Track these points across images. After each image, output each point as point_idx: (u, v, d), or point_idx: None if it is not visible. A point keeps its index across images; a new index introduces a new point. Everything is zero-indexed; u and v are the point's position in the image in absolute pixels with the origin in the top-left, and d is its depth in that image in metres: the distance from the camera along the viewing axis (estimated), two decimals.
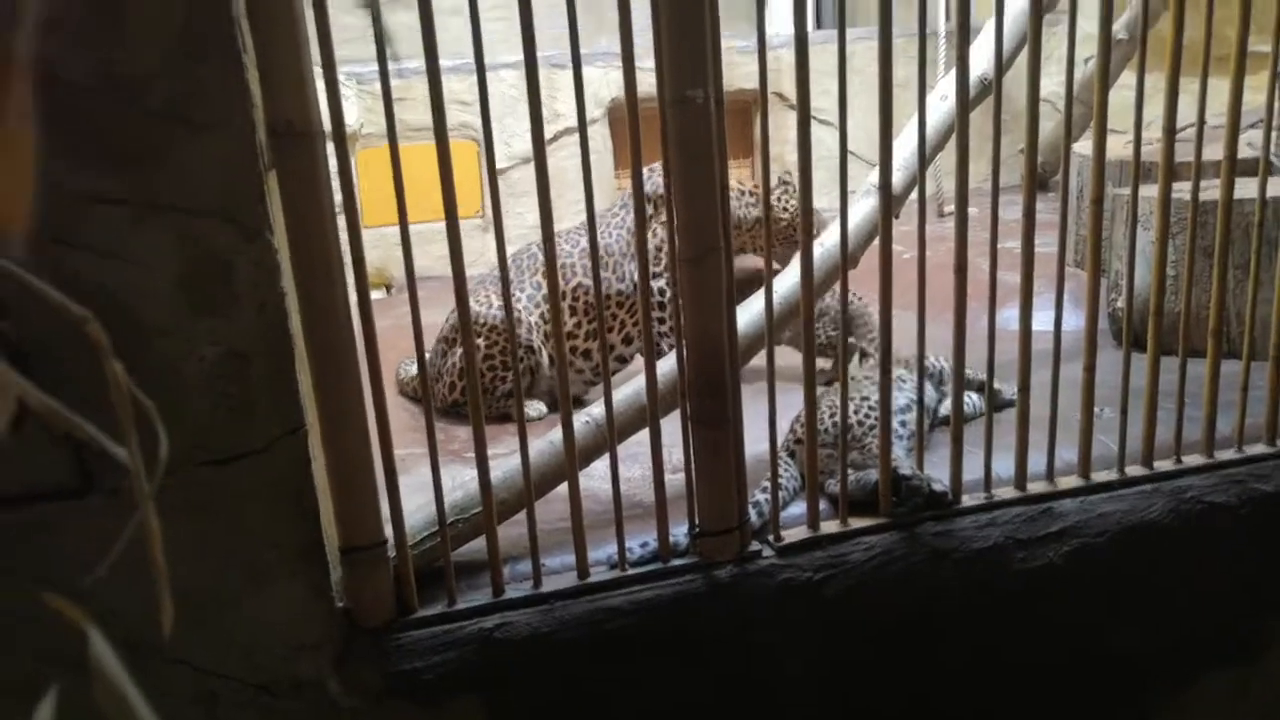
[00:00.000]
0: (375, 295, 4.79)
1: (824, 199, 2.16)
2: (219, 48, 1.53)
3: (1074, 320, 2.89)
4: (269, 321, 1.66)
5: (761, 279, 2.12)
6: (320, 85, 1.65)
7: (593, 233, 1.94)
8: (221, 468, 1.69)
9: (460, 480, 2.07)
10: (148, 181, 1.55)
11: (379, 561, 1.85)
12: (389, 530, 1.87)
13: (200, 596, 1.72)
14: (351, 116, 4.58)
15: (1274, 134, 2.39)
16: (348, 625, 1.84)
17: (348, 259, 1.73)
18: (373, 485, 1.81)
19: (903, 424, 2.44)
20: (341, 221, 1.71)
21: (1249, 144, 3.34)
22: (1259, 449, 2.40)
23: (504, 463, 2.07)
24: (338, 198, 1.70)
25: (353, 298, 1.75)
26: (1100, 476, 2.30)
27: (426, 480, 1.91)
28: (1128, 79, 2.25)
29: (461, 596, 1.94)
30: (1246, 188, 2.42)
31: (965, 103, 2.09)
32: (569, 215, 4.42)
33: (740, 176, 3.53)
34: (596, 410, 2.16)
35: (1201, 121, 2.26)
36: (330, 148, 1.68)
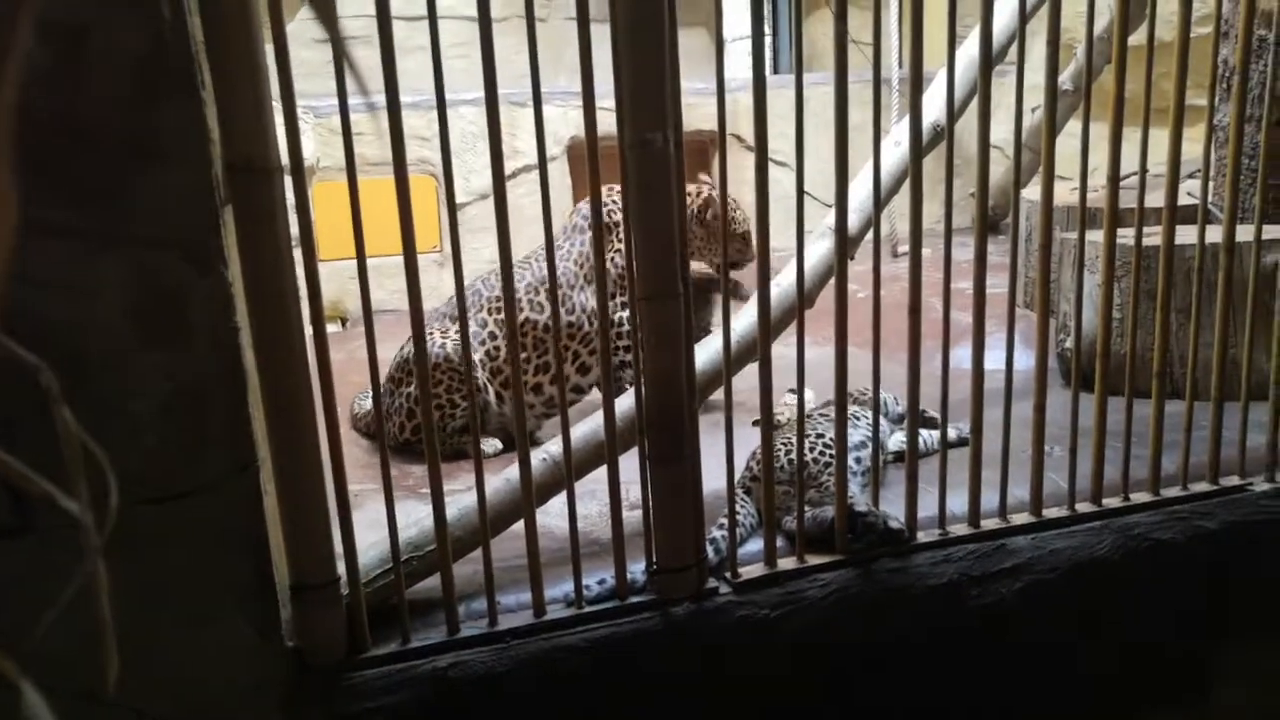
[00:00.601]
0: (330, 329, 4.74)
1: (781, 238, 2.20)
2: (178, 84, 1.52)
3: (1024, 360, 2.95)
4: (222, 356, 1.63)
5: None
6: (279, 120, 1.65)
7: (551, 265, 1.95)
8: (170, 504, 1.65)
9: (415, 517, 2.04)
10: (102, 215, 1.53)
11: (331, 599, 1.81)
12: (342, 567, 1.83)
13: (144, 636, 1.67)
14: (308, 150, 4.56)
15: (1211, 183, 2.48)
16: (297, 664, 1.80)
17: (303, 293, 1.72)
18: (325, 522, 1.78)
19: (858, 460, 2.46)
20: (298, 255, 1.70)
21: (1189, 193, 3.45)
22: (1202, 486, 2.46)
23: (460, 499, 2.05)
24: (294, 231, 1.69)
25: (308, 332, 1.74)
26: (1051, 513, 2.34)
27: (381, 517, 1.89)
28: (1073, 128, 2.33)
29: (415, 635, 1.91)
30: (1187, 234, 2.50)
31: (919, 148, 2.14)
32: (525, 250, 4.43)
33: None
34: (554, 447, 2.15)
35: (1144, 170, 2.34)
36: (288, 182, 1.67)
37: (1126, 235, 2.55)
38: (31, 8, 0.39)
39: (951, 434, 2.58)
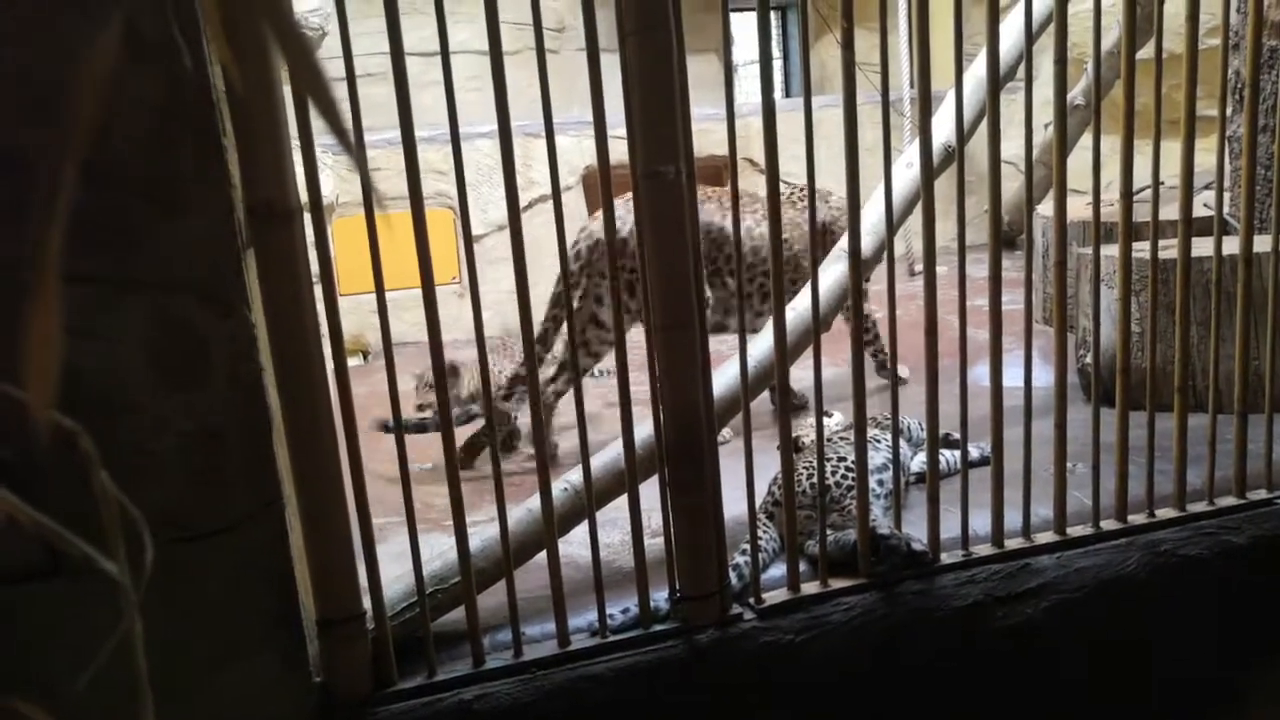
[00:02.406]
0: (351, 362, 4.79)
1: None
2: (199, 131, 1.56)
3: (1044, 377, 2.94)
4: (245, 396, 1.66)
5: None
6: (299, 159, 1.68)
7: (567, 292, 1.97)
8: (197, 543, 1.67)
9: (439, 549, 2.06)
10: (124, 260, 1.56)
11: (357, 634, 1.83)
12: (367, 601, 1.85)
13: (173, 673, 1.69)
14: (327, 188, 4.62)
15: (1227, 194, 2.47)
16: (324, 700, 1.81)
17: (325, 331, 1.75)
18: (350, 557, 1.80)
19: (880, 483, 2.46)
20: (318, 292, 1.73)
21: (1205, 204, 3.44)
22: (1229, 501, 2.43)
23: (483, 531, 2.07)
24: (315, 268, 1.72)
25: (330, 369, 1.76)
26: (1075, 531, 2.32)
27: (405, 549, 1.90)
28: (1086, 141, 2.34)
29: (441, 667, 1.92)
30: (1204, 246, 2.49)
31: (929, 165, 2.15)
32: (544, 280, 4.47)
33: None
34: (574, 477, 2.16)
35: (1157, 182, 2.34)
36: (308, 220, 1.70)
37: (1143, 249, 2.54)
38: (78, 157, 0.41)
39: (974, 453, 2.57)
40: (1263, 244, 2.55)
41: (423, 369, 3.64)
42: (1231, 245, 2.45)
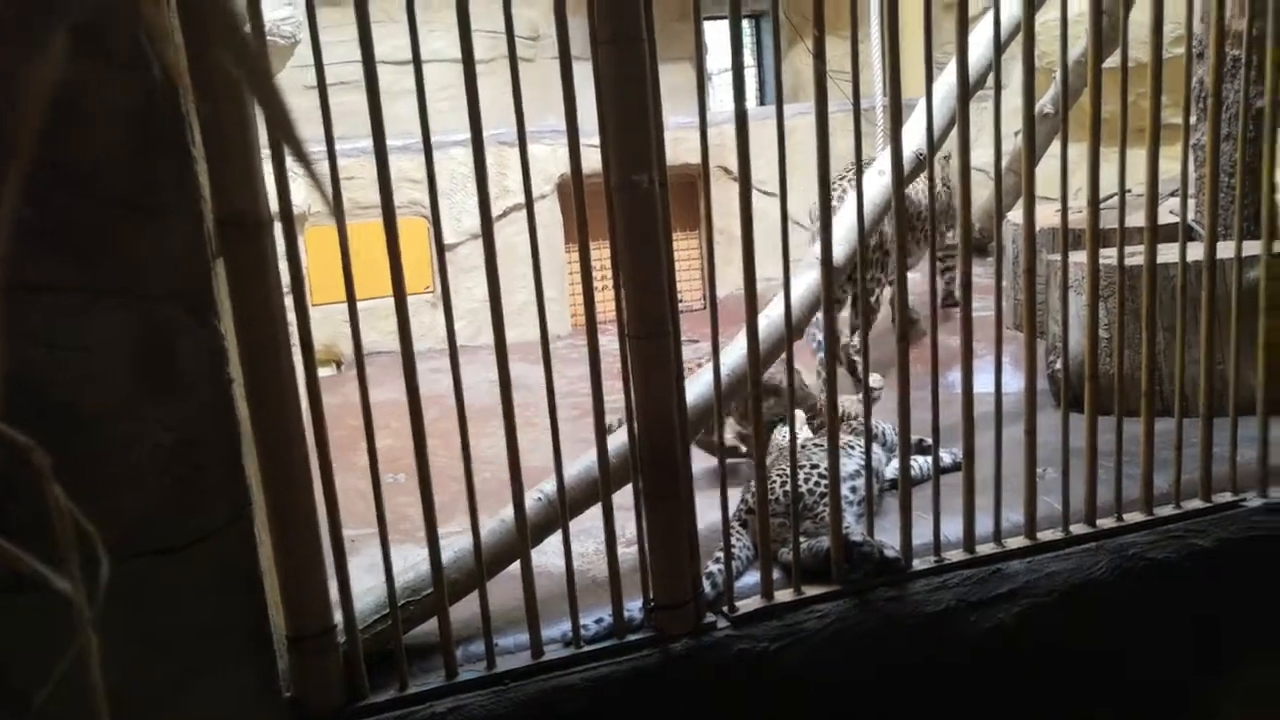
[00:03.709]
0: (325, 372, 4.76)
1: (768, 267, 2.22)
2: (169, 142, 1.54)
3: (1015, 383, 2.96)
4: (216, 406, 1.64)
5: None
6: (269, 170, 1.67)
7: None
8: (165, 556, 1.65)
9: (412, 561, 2.04)
10: (96, 270, 1.55)
11: (328, 648, 1.81)
12: (338, 615, 1.83)
13: (142, 688, 1.67)
14: (299, 197, 4.59)
15: (1191, 201, 2.51)
16: (295, 715, 1.79)
17: (295, 341, 1.73)
18: (321, 570, 1.78)
19: (853, 490, 2.46)
20: (289, 303, 1.71)
21: (1170, 211, 3.49)
22: (1195, 504, 2.46)
23: (456, 542, 2.05)
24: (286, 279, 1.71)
25: (302, 378, 1.75)
26: (1046, 535, 2.34)
27: (377, 561, 1.89)
28: (1057, 149, 2.37)
29: (413, 680, 1.91)
30: (1170, 253, 2.53)
31: (900, 174, 2.17)
32: (518, 290, 4.45)
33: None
34: (548, 486, 2.15)
35: (1123, 190, 2.37)
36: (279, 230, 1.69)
37: (1110, 256, 2.57)
38: (23, 167, 0.41)
39: (948, 459, 2.59)
40: (1226, 250, 2.59)
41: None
42: (1196, 252, 2.49)
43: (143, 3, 1.42)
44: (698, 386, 2.37)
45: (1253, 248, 2.75)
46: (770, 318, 2.61)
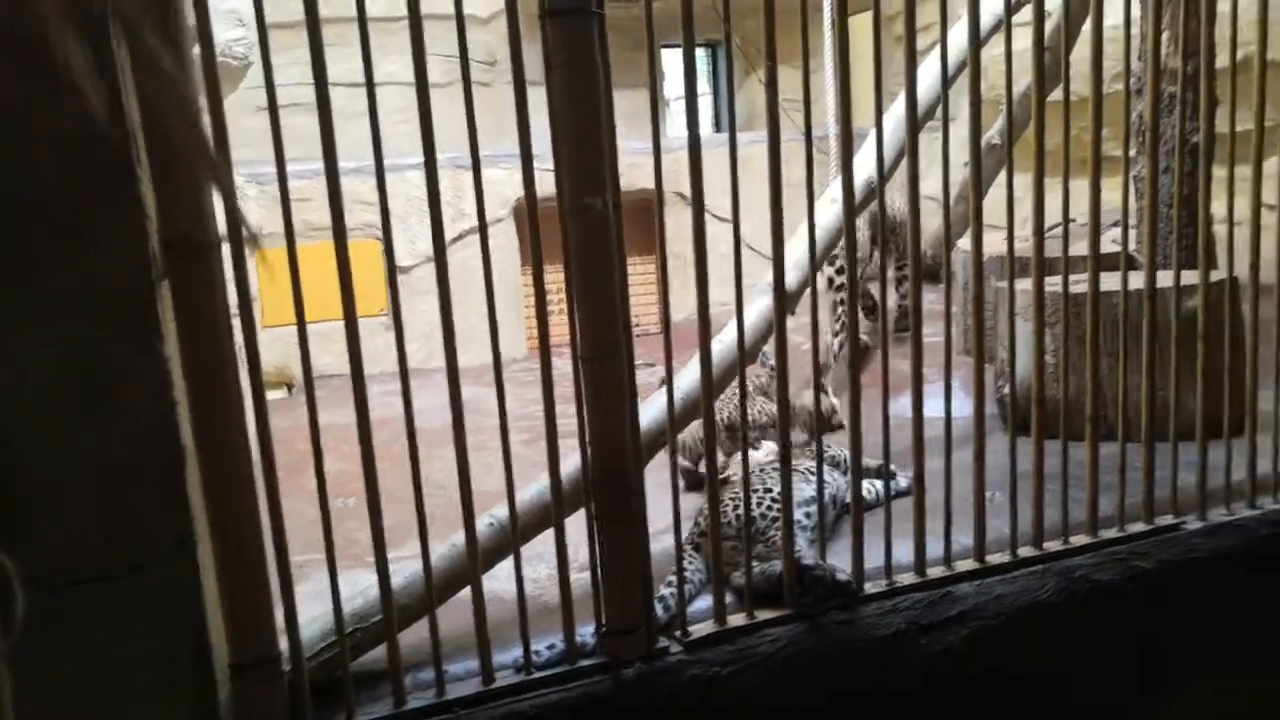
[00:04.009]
0: (276, 395, 4.69)
1: (720, 291, 2.24)
2: (114, 163, 1.52)
3: (964, 408, 3.01)
4: (157, 429, 1.61)
5: None
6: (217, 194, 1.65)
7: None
8: (104, 583, 1.61)
9: (360, 587, 2.01)
10: (34, 290, 1.51)
11: (272, 678, 1.77)
12: (284, 642, 1.79)
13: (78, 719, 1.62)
14: (253, 218, 4.54)
15: (1133, 231, 2.58)
16: None
17: (243, 364, 1.71)
18: (266, 597, 1.75)
19: (808, 515, 2.47)
20: (237, 325, 1.69)
21: (1113, 240, 3.58)
22: (1138, 527, 2.51)
23: (406, 567, 2.03)
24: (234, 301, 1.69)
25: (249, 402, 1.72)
26: (995, 559, 2.37)
27: (324, 588, 1.85)
28: (1004, 179, 2.44)
29: (360, 709, 1.87)
30: (1113, 281, 2.59)
31: (851, 200, 2.20)
32: (473, 313, 4.43)
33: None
34: (499, 511, 2.13)
35: (1067, 220, 2.43)
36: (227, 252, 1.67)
37: (1055, 283, 2.63)
38: None
39: (903, 482, 2.61)
40: (1166, 279, 2.66)
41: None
42: (1137, 280, 2.56)
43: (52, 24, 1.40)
44: (652, 411, 2.38)
45: (1191, 277, 2.83)
46: (724, 342, 2.63)
